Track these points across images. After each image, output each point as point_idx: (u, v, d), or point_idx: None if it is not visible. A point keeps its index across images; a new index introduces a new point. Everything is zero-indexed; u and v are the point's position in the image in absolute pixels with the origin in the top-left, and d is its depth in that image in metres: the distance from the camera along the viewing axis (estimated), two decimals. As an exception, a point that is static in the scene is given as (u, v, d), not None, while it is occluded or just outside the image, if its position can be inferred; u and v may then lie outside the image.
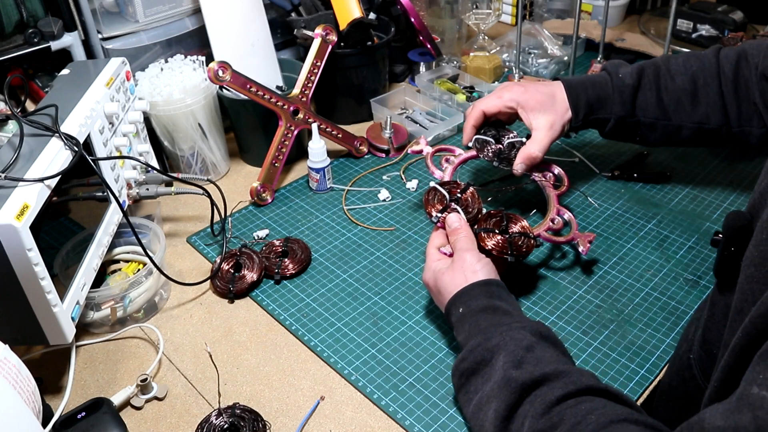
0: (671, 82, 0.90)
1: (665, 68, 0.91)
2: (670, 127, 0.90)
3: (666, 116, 0.90)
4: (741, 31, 1.37)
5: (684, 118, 0.89)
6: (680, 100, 0.89)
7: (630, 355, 0.78)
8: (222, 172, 1.13)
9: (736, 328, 0.49)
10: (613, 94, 0.90)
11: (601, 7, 1.50)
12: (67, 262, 0.84)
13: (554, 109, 0.90)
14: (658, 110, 0.90)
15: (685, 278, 0.88)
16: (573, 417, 0.55)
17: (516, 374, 0.61)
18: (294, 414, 0.73)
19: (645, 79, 0.91)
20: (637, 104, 0.91)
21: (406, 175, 1.10)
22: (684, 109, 0.89)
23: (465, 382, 0.67)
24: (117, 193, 0.86)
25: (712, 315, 0.61)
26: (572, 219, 0.89)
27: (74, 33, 1.03)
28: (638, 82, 0.90)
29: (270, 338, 0.82)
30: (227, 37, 1.10)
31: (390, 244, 0.96)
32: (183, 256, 0.96)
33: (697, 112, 0.89)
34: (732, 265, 0.55)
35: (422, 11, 1.40)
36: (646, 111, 0.91)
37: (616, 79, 0.91)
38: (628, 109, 0.91)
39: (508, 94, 0.91)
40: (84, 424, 0.69)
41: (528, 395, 0.60)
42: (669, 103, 0.89)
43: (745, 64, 0.86)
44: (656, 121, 0.90)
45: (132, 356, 0.81)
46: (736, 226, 0.55)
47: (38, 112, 0.77)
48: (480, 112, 0.93)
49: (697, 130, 0.90)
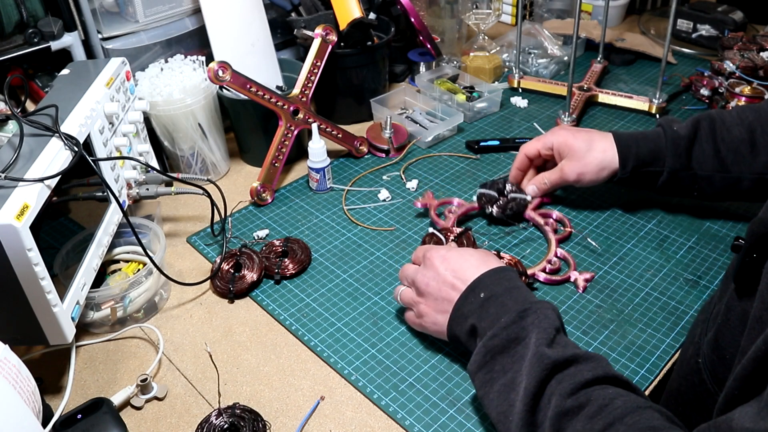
0: (728, 134, 0.88)
1: (720, 120, 0.89)
2: (729, 179, 0.88)
3: (724, 168, 0.88)
4: (741, 31, 1.37)
5: (744, 169, 0.87)
6: (738, 151, 0.87)
7: (630, 355, 0.78)
8: (222, 172, 1.13)
9: (755, 336, 0.49)
10: (667, 147, 0.89)
11: (601, 7, 1.50)
12: (67, 262, 0.84)
13: (582, 159, 0.93)
14: (716, 162, 0.88)
15: (685, 278, 0.88)
16: (600, 399, 0.57)
17: (549, 352, 0.61)
18: (294, 414, 0.73)
19: (701, 131, 0.89)
20: (693, 157, 0.89)
21: (406, 175, 1.10)
22: (743, 160, 0.87)
23: (490, 360, 0.66)
24: (117, 193, 0.86)
25: (727, 320, 0.60)
26: (570, 258, 0.90)
27: (74, 33, 1.03)
28: (694, 134, 0.89)
29: (270, 338, 0.82)
30: (227, 37, 1.10)
31: (390, 244, 0.96)
32: (183, 256, 0.96)
33: (757, 162, 0.87)
34: (753, 272, 0.55)
35: (422, 11, 1.41)
36: (702, 164, 0.89)
37: (671, 132, 0.90)
38: (683, 162, 0.89)
39: (550, 138, 0.96)
40: (84, 424, 0.69)
41: (558, 373, 0.60)
42: (727, 154, 0.88)
43: None
44: (714, 174, 0.89)
45: (132, 356, 0.81)
46: (760, 233, 0.55)
47: (38, 112, 0.77)
48: (522, 155, 0.99)
49: (758, 180, 0.87)
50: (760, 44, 1.25)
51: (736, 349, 0.58)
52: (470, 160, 1.14)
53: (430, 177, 1.10)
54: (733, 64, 1.20)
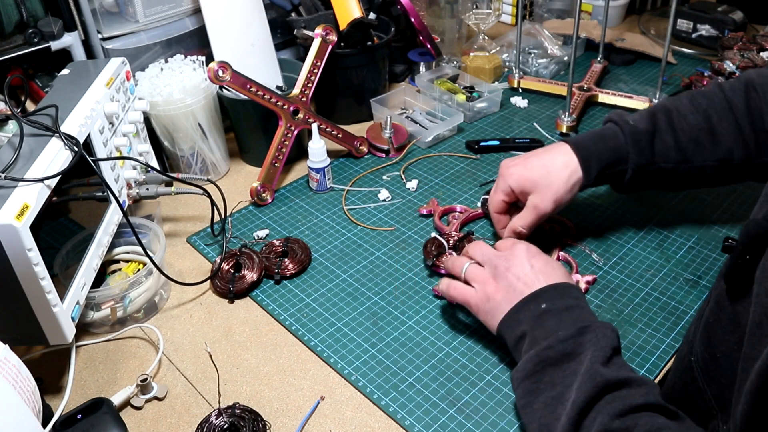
0: (685, 123, 0.85)
1: (675, 110, 0.86)
2: (692, 169, 0.86)
3: (686, 159, 0.85)
4: (741, 31, 1.37)
5: (706, 157, 0.85)
6: (698, 140, 0.85)
7: (630, 355, 0.78)
8: (222, 172, 1.13)
9: (756, 342, 0.49)
10: (628, 143, 0.85)
11: (601, 7, 1.50)
12: (67, 262, 0.84)
13: (546, 186, 0.85)
14: (678, 154, 0.85)
15: (685, 278, 0.88)
16: (647, 426, 0.56)
17: (603, 371, 0.60)
18: (294, 414, 0.73)
19: (659, 123, 0.86)
20: (655, 151, 0.85)
21: (406, 175, 1.10)
22: (704, 149, 0.85)
23: (540, 371, 0.65)
24: (117, 193, 0.86)
25: (718, 319, 0.60)
26: (572, 261, 0.90)
27: (74, 33, 1.03)
28: (653, 128, 0.86)
29: (270, 338, 0.82)
30: (227, 37, 1.10)
31: (390, 244, 0.96)
32: (183, 256, 0.96)
33: (718, 149, 0.84)
34: (745, 273, 0.55)
35: (422, 11, 1.41)
36: (666, 156, 0.85)
37: (628, 127, 0.86)
38: (647, 157, 0.85)
39: (506, 182, 0.88)
40: (84, 424, 0.69)
41: (608, 393, 0.59)
42: (687, 145, 0.85)
43: (754, 94, 0.83)
44: (678, 165, 0.86)
45: (132, 356, 0.81)
46: (754, 235, 0.54)
47: (38, 112, 0.77)
48: (493, 215, 0.92)
49: (721, 168, 0.85)
50: (760, 44, 1.25)
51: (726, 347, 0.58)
52: (470, 160, 1.14)
53: (430, 177, 1.10)
54: (733, 64, 1.20)
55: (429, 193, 1.06)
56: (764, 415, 0.47)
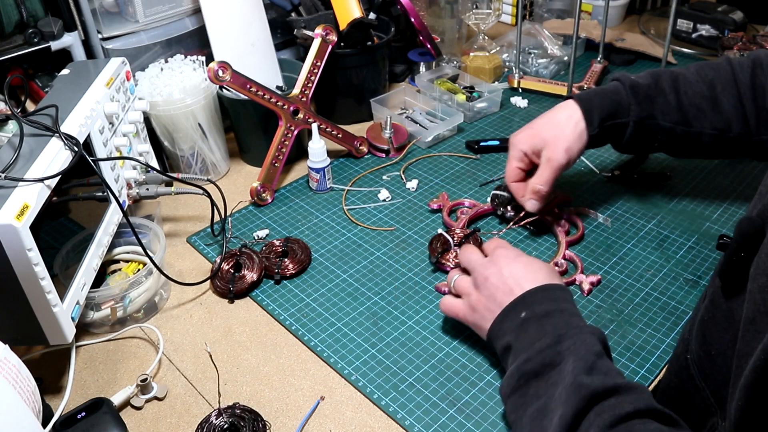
0: (690, 88, 0.87)
1: (681, 75, 0.88)
2: (690, 133, 0.87)
3: (686, 122, 0.87)
4: (741, 31, 1.37)
5: (705, 124, 0.86)
6: (700, 106, 0.86)
7: (630, 355, 0.78)
8: (222, 172, 1.13)
9: (750, 338, 0.49)
10: (629, 95, 0.88)
11: (601, 7, 1.50)
12: (67, 262, 0.84)
13: (555, 138, 0.88)
14: (679, 114, 0.87)
15: (685, 278, 0.88)
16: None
17: (587, 380, 0.59)
18: (294, 414, 0.73)
19: (663, 83, 0.88)
20: (656, 106, 0.87)
21: (406, 175, 1.10)
22: (705, 116, 0.86)
23: (524, 385, 0.64)
24: (117, 193, 0.86)
25: (713, 317, 0.60)
26: (577, 260, 0.89)
27: (74, 33, 1.03)
28: (655, 85, 0.87)
29: (270, 338, 0.82)
30: (227, 37, 1.10)
31: (390, 244, 0.96)
32: (183, 256, 0.96)
33: (718, 118, 0.86)
34: (739, 270, 0.55)
35: (422, 11, 1.41)
36: (666, 114, 0.87)
37: (629, 81, 0.88)
38: (647, 111, 0.87)
39: (517, 149, 0.91)
40: (84, 424, 0.69)
41: (597, 404, 0.58)
42: (689, 108, 0.86)
43: (760, 72, 0.84)
44: (675, 126, 0.87)
45: (132, 356, 0.81)
46: (748, 232, 0.54)
47: (38, 112, 0.77)
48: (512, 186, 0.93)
49: (718, 137, 0.87)
50: (760, 44, 1.25)
51: (721, 345, 0.58)
52: (470, 160, 1.14)
53: (430, 177, 1.10)
54: (733, 64, 1.20)
55: (429, 193, 1.06)
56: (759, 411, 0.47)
